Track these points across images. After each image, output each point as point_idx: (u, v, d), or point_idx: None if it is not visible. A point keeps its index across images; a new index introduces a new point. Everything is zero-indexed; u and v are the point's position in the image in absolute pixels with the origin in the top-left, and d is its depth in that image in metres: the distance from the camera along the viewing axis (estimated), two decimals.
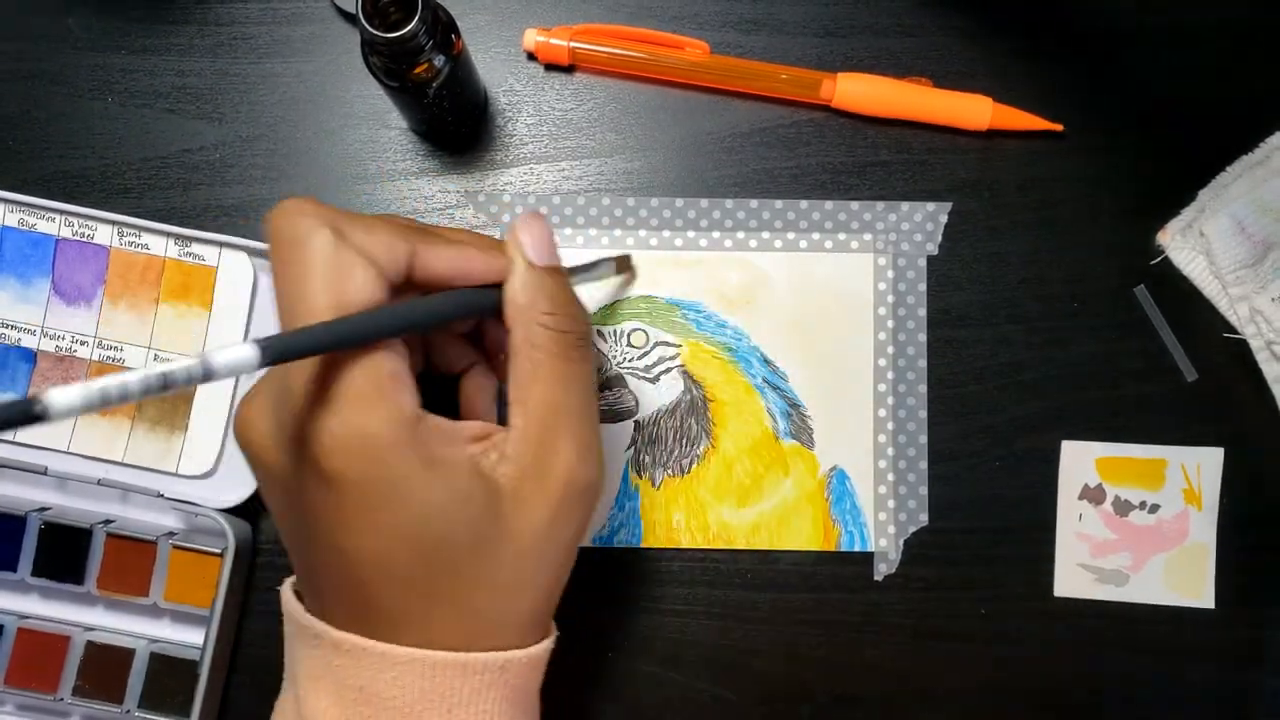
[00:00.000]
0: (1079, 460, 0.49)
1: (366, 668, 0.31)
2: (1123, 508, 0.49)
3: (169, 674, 0.46)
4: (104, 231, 0.48)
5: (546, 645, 0.34)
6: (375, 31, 0.39)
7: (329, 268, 0.30)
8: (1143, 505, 0.49)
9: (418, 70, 0.41)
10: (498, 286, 0.34)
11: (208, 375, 0.26)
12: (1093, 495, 0.49)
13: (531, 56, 0.50)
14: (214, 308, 0.48)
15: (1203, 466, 0.49)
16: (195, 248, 0.48)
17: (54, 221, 0.48)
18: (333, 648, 0.31)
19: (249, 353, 0.27)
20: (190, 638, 0.47)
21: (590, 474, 0.32)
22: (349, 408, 0.29)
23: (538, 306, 0.33)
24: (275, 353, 0.27)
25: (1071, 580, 0.49)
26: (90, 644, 0.46)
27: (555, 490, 0.31)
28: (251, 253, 0.48)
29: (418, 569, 0.30)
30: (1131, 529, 0.49)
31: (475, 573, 0.31)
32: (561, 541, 0.32)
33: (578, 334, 0.33)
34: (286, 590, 0.34)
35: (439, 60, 0.42)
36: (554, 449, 0.32)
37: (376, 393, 0.29)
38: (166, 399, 0.48)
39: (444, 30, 0.42)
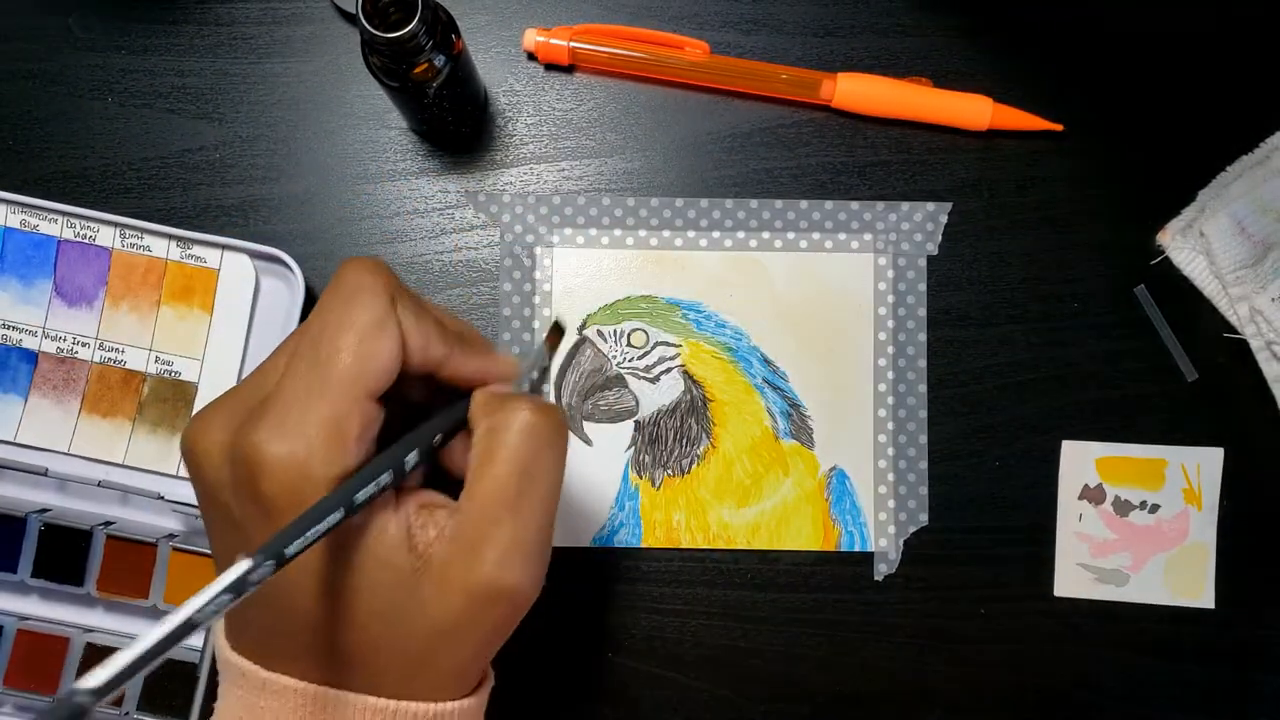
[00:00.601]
0: (1079, 460, 0.49)
1: (289, 709, 0.30)
2: (1123, 508, 0.49)
3: (168, 676, 0.46)
4: (106, 233, 0.48)
5: (478, 700, 0.33)
6: (375, 31, 0.39)
7: (369, 326, 0.30)
8: (1143, 505, 0.49)
9: (418, 70, 0.41)
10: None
11: (218, 611, 0.27)
12: (1093, 495, 0.49)
13: (531, 56, 0.50)
14: (215, 310, 0.48)
15: (1203, 466, 0.49)
16: (197, 250, 0.48)
17: (56, 223, 0.48)
18: (257, 688, 0.31)
19: (247, 564, 0.27)
20: (189, 640, 0.47)
21: (516, 580, 0.30)
22: (300, 442, 0.29)
23: (520, 401, 0.32)
24: (274, 553, 0.27)
25: (1071, 580, 0.49)
26: (90, 645, 0.46)
27: (475, 586, 0.30)
28: (253, 255, 0.48)
29: (338, 613, 0.30)
30: (1131, 529, 0.49)
31: (391, 635, 0.30)
32: (478, 634, 0.31)
33: (553, 428, 0.32)
34: (218, 623, 0.33)
35: (439, 60, 0.42)
36: (488, 542, 0.30)
37: (331, 439, 0.29)
38: (167, 400, 0.48)
39: (444, 30, 0.42)
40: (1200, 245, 0.48)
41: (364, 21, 0.38)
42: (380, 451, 0.31)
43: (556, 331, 0.42)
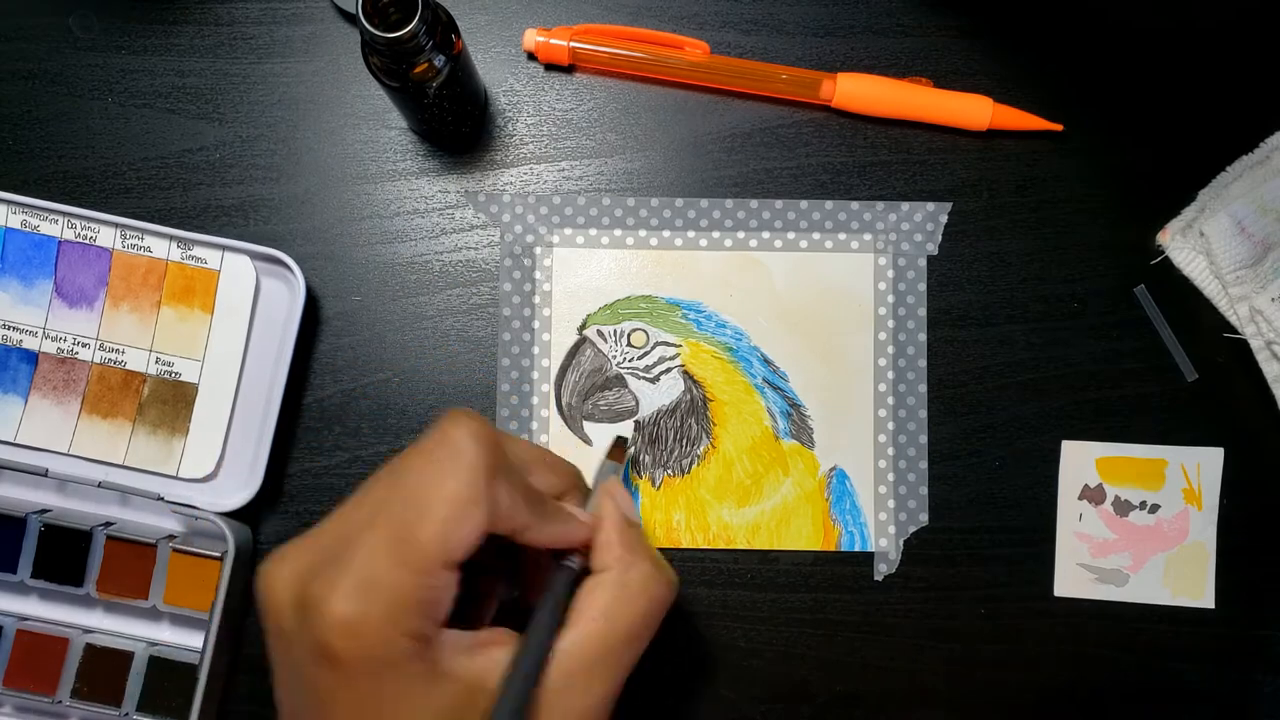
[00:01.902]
0: (1079, 460, 0.49)
1: None
2: (1123, 508, 0.49)
3: (168, 677, 0.46)
4: (106, 234, 0.48)
5: None
6: (375, 31, 0.39)
7: (462, 502, 0.30)
8: (1143, 505, 0.49)
9: (418, 70, 0.41)
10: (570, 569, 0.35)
11: None
12: (1093, 495, 0.49)
13: (531, 56, 0.50)
14: (216, 311, 0.48)
15: (1203, 466, 0.49)
16: (198, 251, 0.48)
17: (56, 223, 0.48)
18: None
19: None
20: (189, 641, 0.47)
21: None
22: (377, 607, 0.29)
23: (639, 554, 0.34)
24: None
25: (1071, 580, 0.49)
26: (89, 646, 0.46)
27: None
28: (254, 256, 0.48)
29: None
30: (1131, 529, 0.49)
31: None
32: None
33: (668, 594, 0.34)
34: None
35: (439, 60, 0.42)
36: (578, 688, 0.31)
37: (407, 606, 0.29)
38: (167, 401, 0.48)
39: (444, 30, 0.42)
40: (1200, 245, 0.48)
41: (364, 21, 0.38)
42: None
43: (619, 445, 0.45)
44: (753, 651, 0.48)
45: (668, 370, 0.49)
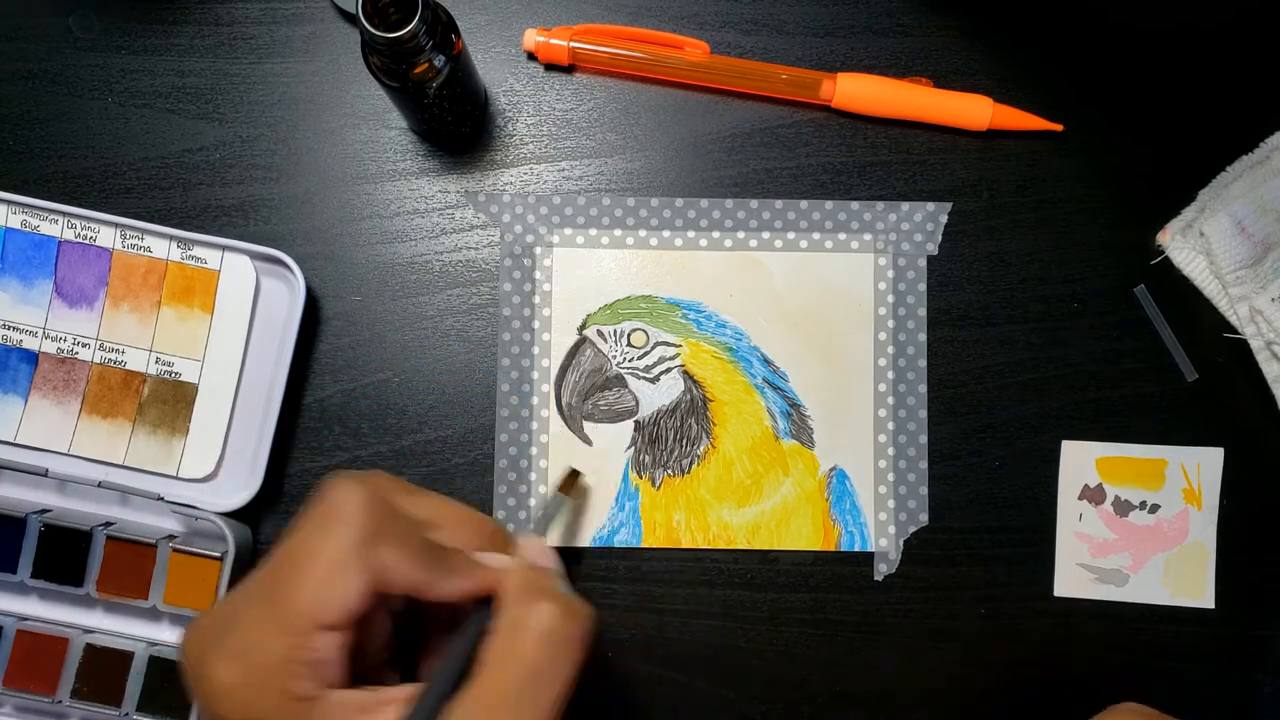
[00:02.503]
0: (1079, 460, 0.49)
1: None
2: (1123, 508, 0.49)
3: (168, 677, 0.46)
4: (106, 234, 0.48)
5: None
6: (375, 31, 0.39)
7: (332, 564, 0.30)
8: (1143, 505, 0.49)
9: (418, 70, 0.41)
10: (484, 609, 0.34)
11: None
12: (1093, 495, 0.49)
13: (531, 56, 0.50)
14: (216, 311, 0.48)
15: (1203, 466, 0.49)
16: (198, 251, 0.48)
17: (56, 223, 0.48)
18: None
19: None
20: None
21: None
22: (253, 673, 0.29)
23: (537, 595, 0.33)
24: None
25: (1071, 580, 0.49)
26: (89, 646, 0.46)
27: None
28: (254, 256, 0.48)
29: None
30: (1131, 529, 0.49)
31: None
32: None
33: (575, 631, 0.33)
34: None
35: (439, 60, 0.42)
36: None
37: (283, 669, 0.30)
38: (167, 401, 0.48)
39: (444, 30, 0.42)
40: (1200, 245, 0.48)
41: (364, 21, 0.38)
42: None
43: (572, 477, 0.45)
44: (753, 651, 0.48)
45: (668, 370, 0.49)
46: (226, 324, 0.48)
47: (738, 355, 0.49)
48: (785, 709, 0.48)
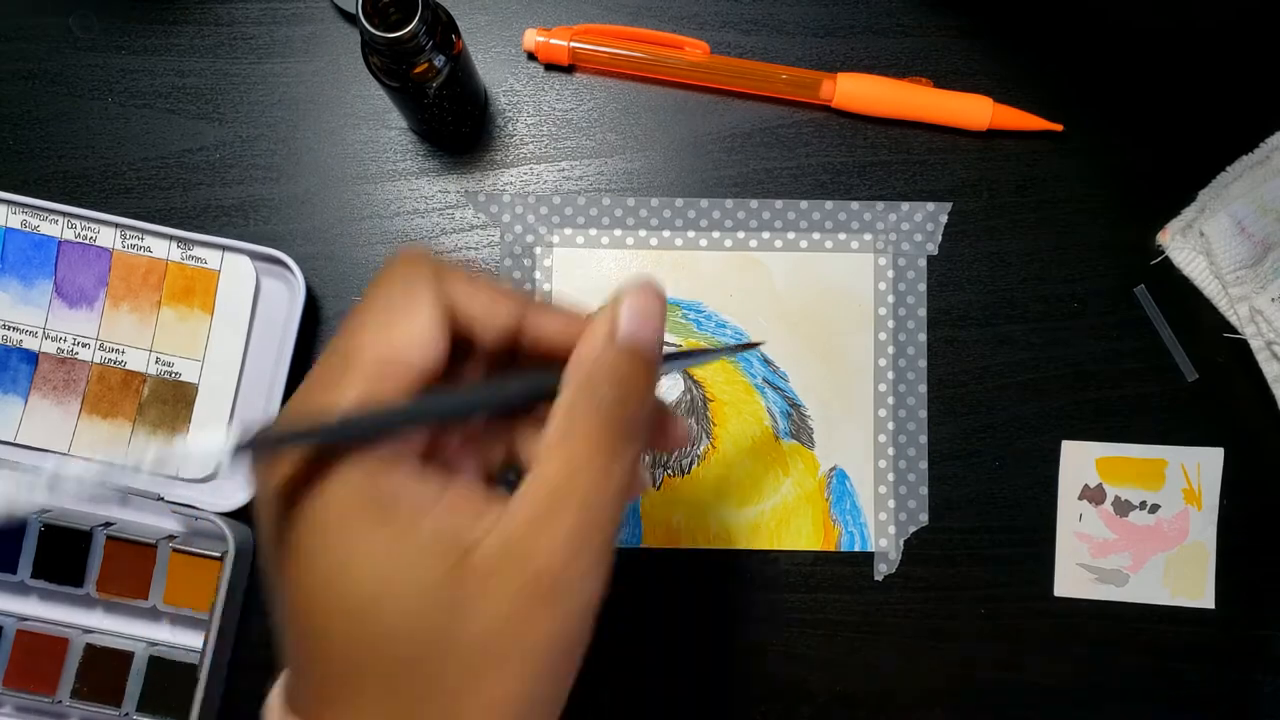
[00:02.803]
0: (1079, 460, 0.49)
1: None
2: (1123, 508, 0.49)
3: (168, 677, 0.46)
4: (106, 234, 0.48)
5: None
6: (375, 31, 0.39)
7: (396, 300, 0.27)
8: (1143, 505, 0.49)
9: (418, 70, 0.41)
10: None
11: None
12: (1093, 495, 0.49)
13: (531, 56, 0.50)
14: (216, 311, 0.48)
15: (1203, 466, 0.49)
16: (197, 251, 0.48)
17: (57, 224, 0.48)
18: None
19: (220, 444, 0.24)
20: (189, 641, 0.47)
21: (572, 570, 0.25)
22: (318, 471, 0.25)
23: (603, 377, 0.27)
24: (252, 442, 0.24)
25: (1071, 580, 0.49)
26: (89, 646, 0.46)
27: (525, 580, 0.25)
28: (254, 256, 0.48)
29: (367, 660, 0.25)
30: (1131, 529, 0.49)
31: (429, 671, 0.25)
32: (528, 651, 0.25)
33: (631, 422, 0.27)
34: (273, 693, 0.28)
35: (439, 60, 0.42)
36: (544, 532, 0.25)
37: (347, 459, 0.25)
38: (167, 401, 0.48)
39: (444, 30, 0.42)
40: (1200, 245, 0.48)
41: (364, 21, 0.38)
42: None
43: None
44: (753, 651, 0.48)
45: (668, 370, 0.49)
46: (226, 324, 0.48)
47: (738, 355, 0.49)
48: (785, 709, 0.48)
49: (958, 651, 0.48)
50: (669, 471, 0.49)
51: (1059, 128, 0.49)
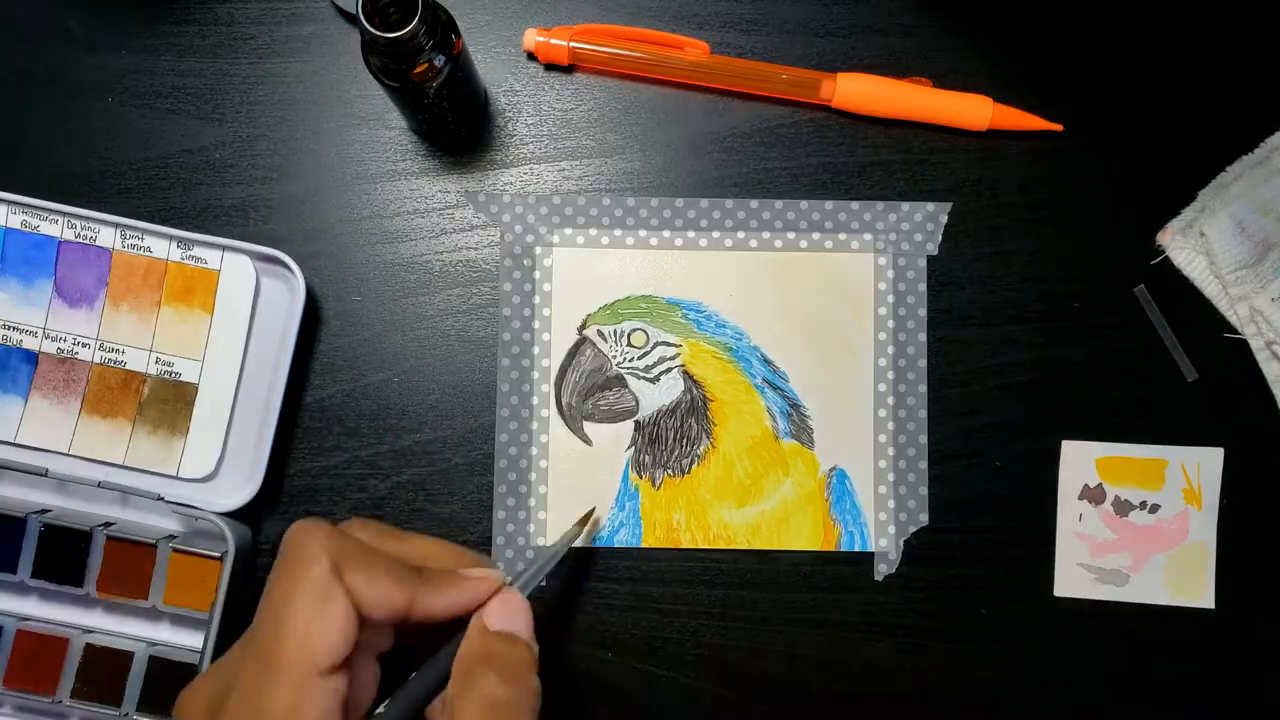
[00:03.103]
0: (1079, 460, 0.49)
1: None
2: (1123, 508, 0.49)
3: (168, 677, 0.46)
4: (106, 234, 0.48)
5: None
6: (375, 31, 0.39)
7: (311, 602, 0.30)
8: (1143, 505, 0.49)
9: (418, 70, 0.41)
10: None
11: None
12: (1093, 495, 0.49)
13: (531, 56, 0.50)
14: (216, 311, 0.48)
15: (1203, 466, 0.49)
16: (198, 251, 0.48)
17: (56, 223, 0.48)
18: None
19: None
20: (189, 641, 0.47)
21: None
22: None
23: (488, 669, 0.32)
24: None
25: (1071, 580, 0.49)
26: (89, 646, 0.46)
27: None
28: (254, 256, 0.48)
29: None
30: (1131, 529, 0.49)
31: None
32: None
33: (521, 704, 0.32)
34: None
35: (439, 60, 0.42)
36: None
37: (293, 717, 0.29)
38: (167, 401, 0.48)
39: (444, 30, 0.42)
40: (1200, 245, 0.48)
41: (364, 21, 0.38)
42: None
43: (588, 516, 0.46)
44: (753, 651, 0.48)
45: (668, 370, 0.49)
46: (226, 324, 0.48)
47: (738, 355, 0.49)
48: (785, 709, 0.48)
49: (958, 651, 0.48)
50: (669, 471, 0.49)
51: (1059, 128, 0.49)
